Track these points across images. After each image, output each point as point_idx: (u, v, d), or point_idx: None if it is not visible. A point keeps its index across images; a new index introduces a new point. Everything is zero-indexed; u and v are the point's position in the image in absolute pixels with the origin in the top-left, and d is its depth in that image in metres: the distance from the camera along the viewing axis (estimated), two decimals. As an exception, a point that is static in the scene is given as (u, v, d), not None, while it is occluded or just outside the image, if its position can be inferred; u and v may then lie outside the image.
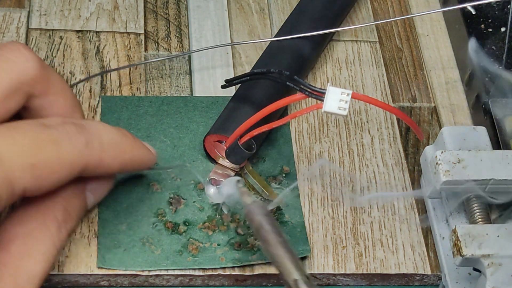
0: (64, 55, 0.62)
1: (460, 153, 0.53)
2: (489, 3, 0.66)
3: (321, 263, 0.54)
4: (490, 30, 0.65)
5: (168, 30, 0.65)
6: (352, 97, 0.50)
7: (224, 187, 0.54)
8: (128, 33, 0.64)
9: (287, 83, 0.52)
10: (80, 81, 0.60)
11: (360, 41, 0.67)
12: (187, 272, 0.52)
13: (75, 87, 0.60)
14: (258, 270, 0.53)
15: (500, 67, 0.61)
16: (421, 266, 0.54)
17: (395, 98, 0.64)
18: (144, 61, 0.62)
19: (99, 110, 0.59)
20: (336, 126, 0.61)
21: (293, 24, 0.62)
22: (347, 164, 0.59)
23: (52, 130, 0.44)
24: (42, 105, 0.48)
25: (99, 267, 0.51)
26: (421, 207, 0.57)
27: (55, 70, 0.61)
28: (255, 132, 0.53)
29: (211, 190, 0.55)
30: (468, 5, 0.65)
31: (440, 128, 0.60)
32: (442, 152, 0.53)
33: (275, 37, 0.62)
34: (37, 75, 0.47)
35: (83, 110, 0.59)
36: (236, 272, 0.52)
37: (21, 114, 0.48)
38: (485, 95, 0.61)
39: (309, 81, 0.63)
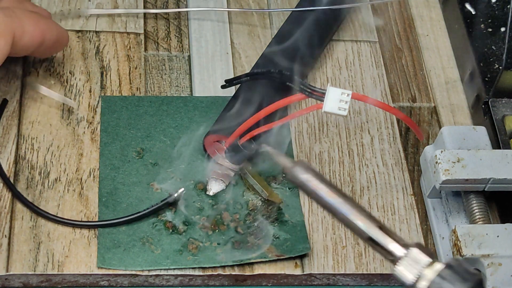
0: (64, 55, 0.62)
1: (460, 152, 0.53)
2: (489, 3, 0.66)
3: (321, 263, 0.54)
4: (490, 30, 0.65)
5: (168, 30, 0.65)
6: (352, 98, 0.50)
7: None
8: (128, 33, 0.64)
9: (287, 83, 0.52)
10: None
11: (360, 41, 0.67)
12: (187, 272, 0.52)
13: (74, 86, 0.60)
14: (258, 270, 0.53)
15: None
16: (421, 266, 0.54)
17: (395, 98, 0.64)
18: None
19: (99, 110, 0.59)
20: (336, 126, 0.61)
21: (293, 22, 0.62)
22: (347, 164, 0.59)
23: None
24: None
25: (99, 267, 0.51)
26: (421, 207, 0.57)
27: (55, 70, 0.61)
28: (255, 132, 0.53)
29: (212, 186, 0.56)
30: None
31: (440, 128, 0.60)
32: (441, 151, 0.53)
33: (275, 37, 0.62)
34: None
35: (84, 110, 0.59)
36: (236, 272, 0.52)
37: None
38: (485, 95, 0.61)
39: (309, 81, 0.63)
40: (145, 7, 0.66)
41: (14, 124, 0.57)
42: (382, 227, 0.43)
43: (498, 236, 0.50)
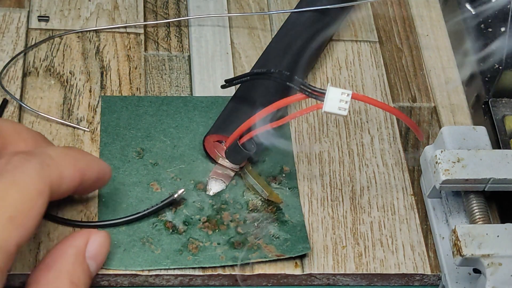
0: (64, 55, 0.62)
1: (460, 152, 0.53)
2: (489, 3, 0.66)
3: (321, 263, 0.54)
4: (490, 30, 0.65)
5: (168, 30, 0.65)
6: (352, 98, 0.50)
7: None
8: (128, 33, 0.64)
9: (287, 83, 0.52)
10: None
11: (360, 41, 0.67)
12: (187, 272, 0.52)
13: (74, 86, 0.60)
14: (258, 270, 0.53)
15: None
16: (421, 266, 0.54)
17: (395, 98, 0.64)
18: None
19: (99, 110, 0.59)
20: (336, 126, 0.61)
21: (294, 22, 0.62)
22: (347, 164, 0.59)
23: (5, 176, 0.43)
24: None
25: (99, 267, 0.51)
26: (421, 207, 0.57)
27: (55, 70, 0.61)
28: (255, 132, 0.53)
29: (212, 186, 0.56)
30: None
31: (440, 128, 0.60)
32: (441, 151, 0.53)
33: (275, 37, 0.62)
34: None
35: (84, 110, 0.59)
36: (236, 272, 0.52)
37: None
38: (485, 95, 0.61)
39: (309, 81, 0.63)
40: (145, 7, 0.66)
41: (14, 124, 0.57)
42: None
43: (498, 236, 0.50)
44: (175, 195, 0.54)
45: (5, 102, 0.58)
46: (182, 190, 0.54)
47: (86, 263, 0.48)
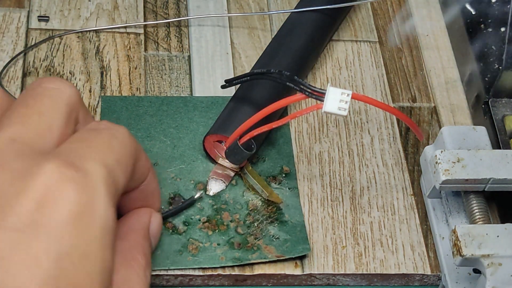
0: (64, 55, 0.62)
1: (460, 152, 0.53)
2: (489, 3, 0.66)
3: (321, 263, 0.54)
4: (490, 30, 0.65)
5: (168, 30, 0.65)
6: (352, 98, 0.50)
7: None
8: (128, 33, 0.64)
9: (287, 83, 0.52)
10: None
11: (360, 41, 0.67)
12: (187, 272, 0.52)
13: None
14: (258, 270, 0.53)
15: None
16: (421, 266, 0.54)
17: (395, 98, 0.64)
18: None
19: (99, 110, 0.59)
20: (336, 126, 0.61)
21: (294, 24, 0.62)
22: (347, 164, 0.59)
23: (105, 131, 0.44)
24: None
25: (99, 267, 0.51)
26: (421, 207, 0.57)
27: (55, 70, 0.61)
28: (255, 132, 0.53)
29: (212, 186, 0.56)
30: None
31: (440, 128, 0.60)
32: (441, 151, 0.53)
33: (275, 37, 0.62)
34: (80, 101, 0.47)
35: (83, 110, 0.59)
36: (236, 272, 0.52)
37: None
38: (485, 95, 0.61)
39: (309, 81, 0.63)
40: (145, 7, 0.66)
41: (14, 124, 0.57)
42: None
43: (498, 236, 0.50)
44: (195, 196, 0.54)
45: (5, 102, 0.58)
46: (202, 191, 0.55)
47: (150, 239, 0.48)
